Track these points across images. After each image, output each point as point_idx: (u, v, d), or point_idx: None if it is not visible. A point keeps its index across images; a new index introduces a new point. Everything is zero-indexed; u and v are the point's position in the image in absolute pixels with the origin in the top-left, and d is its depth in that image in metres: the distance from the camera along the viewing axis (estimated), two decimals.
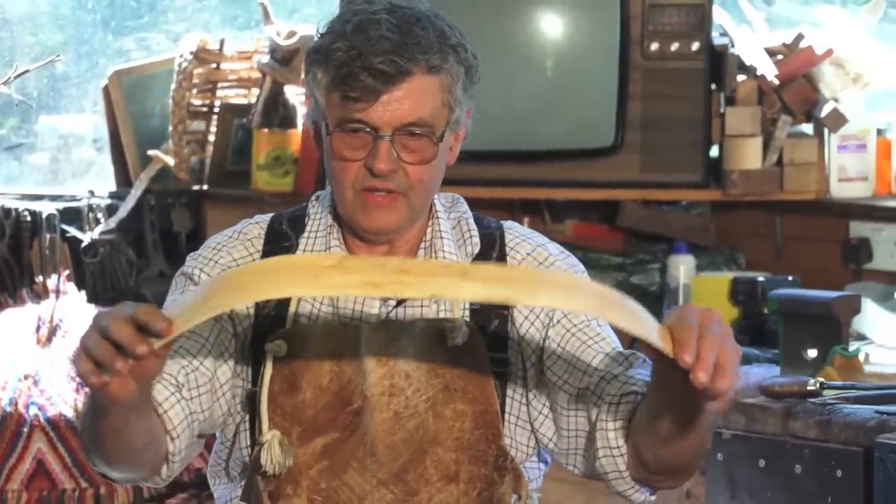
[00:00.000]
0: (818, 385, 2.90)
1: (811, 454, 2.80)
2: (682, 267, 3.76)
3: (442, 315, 2.05)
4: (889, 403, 2.82)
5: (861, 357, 3.04)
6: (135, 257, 4.05)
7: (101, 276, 3.99)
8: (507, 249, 2.10)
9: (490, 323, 2.06)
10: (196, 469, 3.53)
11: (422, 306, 2.05)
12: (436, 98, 1.99)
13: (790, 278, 3.53)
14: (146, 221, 4.07)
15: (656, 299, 3.82)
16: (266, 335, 2.02)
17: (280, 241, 2.09)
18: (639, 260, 3.88)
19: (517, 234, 2.12)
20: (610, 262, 3.85)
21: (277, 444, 1.97)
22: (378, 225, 2.03)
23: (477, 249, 2.10)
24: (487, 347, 2.04)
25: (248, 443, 2.04)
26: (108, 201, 4.03)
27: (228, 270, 1.89)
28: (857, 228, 3.60)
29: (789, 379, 2.98)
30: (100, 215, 3.99)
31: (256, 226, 2.11)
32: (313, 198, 2.13)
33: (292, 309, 2.03)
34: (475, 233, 2.11)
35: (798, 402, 2.89)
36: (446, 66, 1.99)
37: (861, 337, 3.32)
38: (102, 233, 3.98)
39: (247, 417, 2.04)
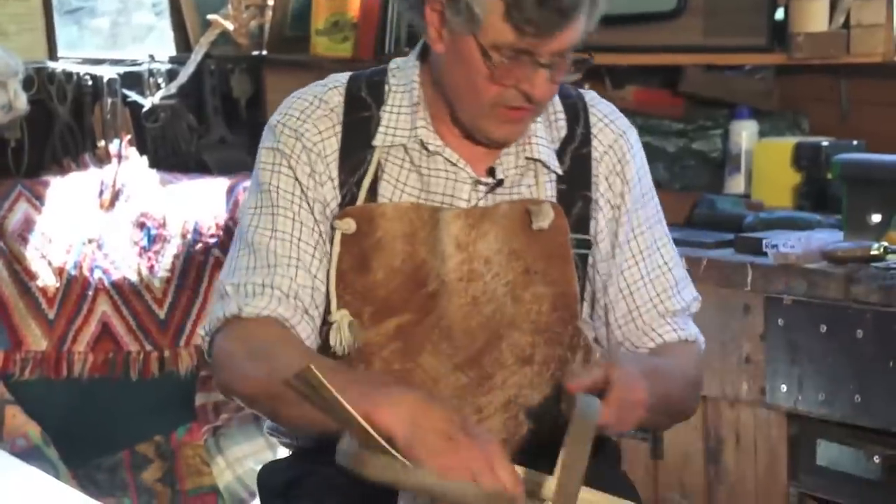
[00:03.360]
0: (882, 249, 2.88)
1: (873, 319, 2.78)
2: (745, 133, 3.71)
3: (529, 194, 2.03)
4: None
5: None
6: (195, 123, 4.04)
7: (162, 142, 3.99)
8: (592, 134, 2.08)
9: (574, 205, 2.05)
10: None
11: (510, 193, 2.02)
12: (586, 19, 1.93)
13: (855, 143, 3.47)
14: (206, 87, 4.06)
15: (718, 165, 3.79)
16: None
17: (360, 111, 2.03)
18: (700, 126, 3.84)
19: (599, 112, 2.10)
20: (671, 128, 3.82)
21: (347, 325, 1.97)
22: (508, 138, 2.01)
23: (563, 133, 2.07)
24: (571, 228, 2.03)
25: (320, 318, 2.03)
26: (169, 66, 4.02)
27: None
28: None
29: (852, 244, 2.95)
30: (160, 80, 3.98)
31: (336, 91, 2.05)
32: (392, 65, 2.06)
33: (366, 184, 2.00)
34: (561, 115, 2.08)
35: (861, 266, 2.86)
36: None
37: None
38: (163, 98, 3.97)
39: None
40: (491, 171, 2.03)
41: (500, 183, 2.02)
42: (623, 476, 2.13)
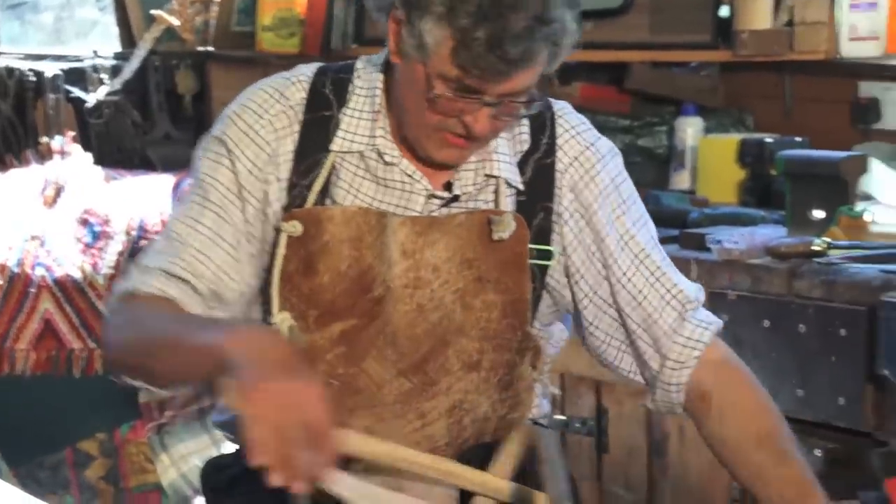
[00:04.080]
0: (824, 245, 2.90)
1: (816, 314, 2.80)
2: (690, 129, 3.74)
3: (487, 208, 2.00)
4: (894, 262, 2.82)
5: (867, 217, 3.04)
6: (140, 119, 4.04)
7: (106, 138, 3.98)
8: (556, 147, 2.03)
9: (535, 216, 2.02)
10: None
11: (467, 203, 2.00)
12: (545, 64, 1.88)
13: (798, 139, 3.51)
14: (151, 83, 4.05)
15: (664, 162, 3.81)
16: None
17: (321, 110, 1.99)
18: (646, 122, 3.87)
19: (567, 124, 2.05)
20: (617, 124, 3.84)
21: (287, 329, 1.95)
22: (448, 161, 1.96)
23: (526, 147, 2.03)
24: (532, 239, 2.00)
25: (260, 316, 2.01)
26: (113, 62, 4.01)
27: None
28: (867, 88, 3.57)
29: (795, 239, 2.98)
30: (104, 76, 3.97)
31: (299, 86, 2.00)
32: (359, 64, 2.02)
33: (317, 187, 1.97)
34: (525, 128, 2.03)
35: (803, 262, 2.87)
36: (567, 41, 1.87)
37: (868, 197, 3.30)
38: (107, 94, 3.96)
39: (262, 293, 2.00)
40: (448, 186, 2.00)
41: (455, 198, 1.99)
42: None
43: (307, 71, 2.03)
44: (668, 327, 2.03)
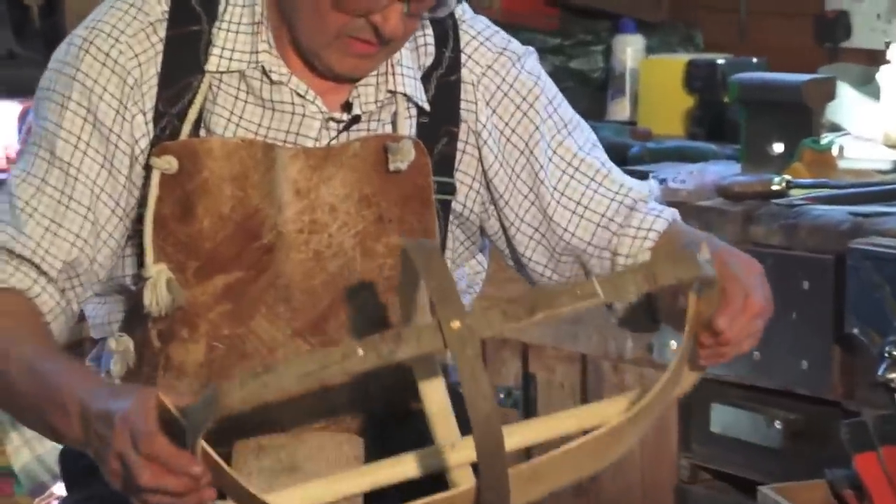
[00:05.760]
0: (784, 184, 2.91)
1: (774, 263, 2.79)
2: (630, 49, 3.78)
3: (386, 132, 1.98)
4: (865, 203, 2.84)
5: (834, 150, 3.07)
6: None
7: None
8: (463, 58, 2.02)
9: (438, 142, 2.00)
10: None
11: (367, 131, 1.97)
12: None
13: (755, 60, 3.53)
14: None
15: (600, 87, 3.83)
16: None
17: (188, 24, 1.95)
18: (579, 41, 3.88)
19: (473, 30, 2.04)
20: (545, 43, 3.84)
21: (164, 282, 1.92)
22: (353, 73, 1.94)
23: (430, 61, 2.01)
24: (433, 170, 1.98)
25: (132, 271, 1.98)
26: None
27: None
28: (835, 0, 3.60)
29: (751, 178, 2.99)
30: None
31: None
32: None
33: (191, 116, 1.94)
34: (430, 37, 2.01)
35: (761, 203, 2.89)
36: None
37: (835, 128, 3.32)
38: None
39: (132, 242, 1.97)
40: (347, 106, 1.97)
41: (356, 120, 1.96)
42: None
43: None
44: (618, 226, 2.03)
